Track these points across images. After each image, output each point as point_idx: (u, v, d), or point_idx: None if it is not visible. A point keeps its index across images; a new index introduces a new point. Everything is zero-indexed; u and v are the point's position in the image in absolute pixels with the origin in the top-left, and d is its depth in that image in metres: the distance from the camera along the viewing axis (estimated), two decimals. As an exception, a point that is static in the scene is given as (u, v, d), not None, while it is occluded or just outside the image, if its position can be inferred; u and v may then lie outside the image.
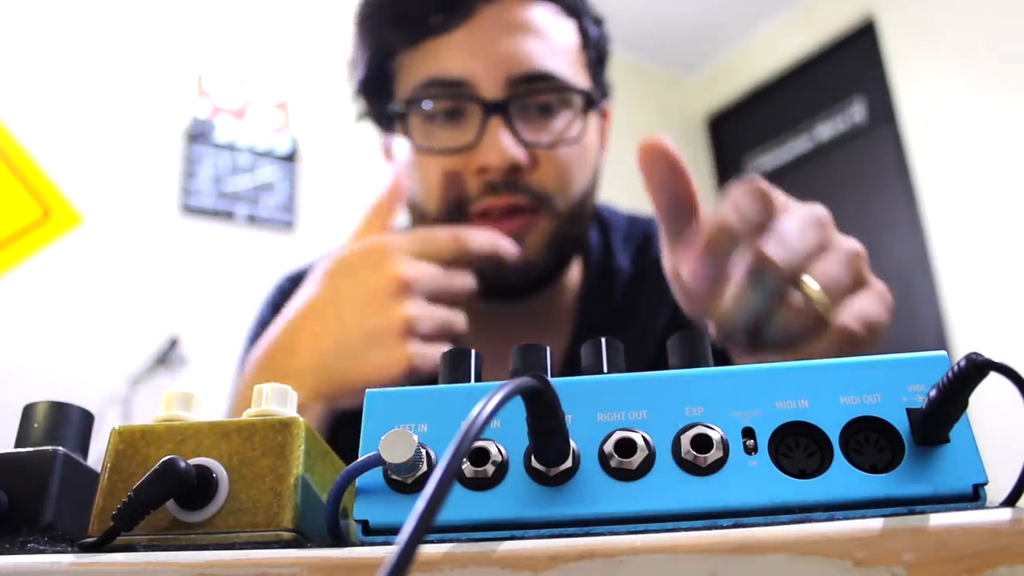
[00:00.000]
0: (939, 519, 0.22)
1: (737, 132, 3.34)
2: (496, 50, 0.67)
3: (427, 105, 0.69)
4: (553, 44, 0.70)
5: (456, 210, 0.68)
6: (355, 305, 0.58)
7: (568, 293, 0.79)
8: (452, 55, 0.68)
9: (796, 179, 2.94)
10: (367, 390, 0.29)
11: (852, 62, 2.93)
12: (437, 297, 0.59)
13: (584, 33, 0.74)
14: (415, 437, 0.25)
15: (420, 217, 0.73)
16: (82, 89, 2.22)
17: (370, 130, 0.80)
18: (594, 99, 0.72)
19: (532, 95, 0.68)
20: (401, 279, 0.57)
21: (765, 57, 3.20)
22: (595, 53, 0.75)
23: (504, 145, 0.66)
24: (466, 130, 0.68)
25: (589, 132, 0.72)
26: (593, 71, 0.75)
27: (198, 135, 2.36)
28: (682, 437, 0.26)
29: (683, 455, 0.26)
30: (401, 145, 0.73)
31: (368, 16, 0.74)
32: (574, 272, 0.80)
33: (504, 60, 0.67)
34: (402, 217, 0.72)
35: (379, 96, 0.74)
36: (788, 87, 3.16)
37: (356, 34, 0.75)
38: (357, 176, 2.39)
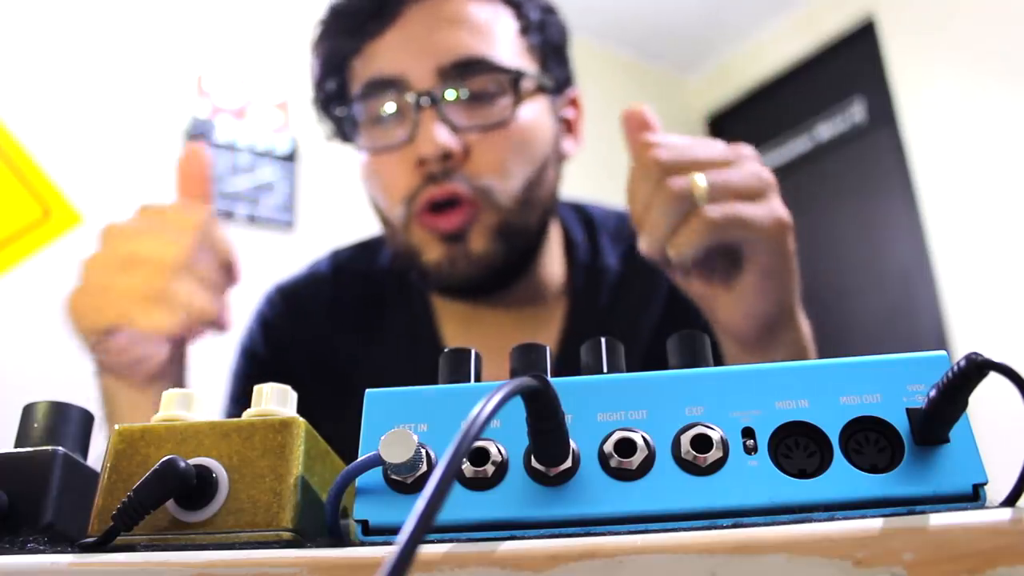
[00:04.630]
0: (939, 519, 0.22)
1: (737, 132, 3.33)
2: (427, 43, 0.69)
3: (368, 111, 0.70)
4: (485, 32, 0.70)
5: (408, 209, 0.69)
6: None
7: (554, 292, 0.79)
8: (385, 54, 0.70)
9: (796, 179, 2.94)
10: (367, 390, 0.29)
11: (852, 62, 2.92)
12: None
13: (524, 19, 0.73)
14: (415, 437, 0.25)
15: (384, 219, 0.74)
16: (82, 89, 2.22)
17: None
18: (527, 79, 0.71)
19: (462, 80, 0.68)
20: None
21: (765, 57, 3.20)
22: (539, 38, 0.74)
23: (435, 134, 0.66)
24: (404, 126, 0.69)
25: (530, 116, 0.71)
26: (540, 57, 0.74)
27: (198, 135, 2.36)
28: (682, 437, 0.26)
29: (683, 455, 0.26)
30: (362, 156, 0.74)
31: (318, 33, 0.76)
32: (559, 271, 0.79)
33: (434, 52, 0.68)
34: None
35: (338, 108, 0.75)
36: (788, 87, 3.15)
37: (311, 54, 0.76)
38: (357, 176, 2.39)
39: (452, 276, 0.70)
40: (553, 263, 0.78)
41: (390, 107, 0.69)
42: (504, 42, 0.71)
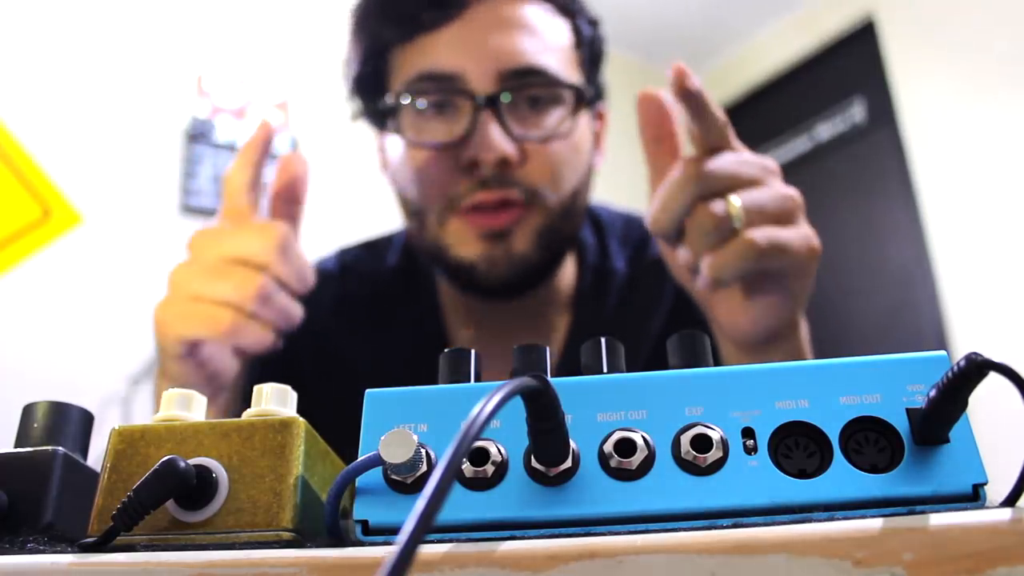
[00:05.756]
0: (939, 519, 0.22)
1: (737, 132, 3.32)
2: (487, 45, 0.68)
3: (420, 102, 0.69)
4: (545, 41, 0.70)
5: (448, 205, 0.69)
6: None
7: (562, 295, 0.79)
8: (444, 50, 0.68)
9: (796, 179, 2.93)
10: (367, 390, 0.29)
11: (852, 62, 2.93)
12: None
13: (577, 32, 0.73)
14: (415, 437, 0.25)
15: (413, 213, 0.73)
16: (82, 89, 2.22)
17: (370, 130, 0.80)
18: (585, 95, 0.71)
19: (523, 89, 0.68)
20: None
21: (765, 57, 3.20)
22: (588, 52, 0.75)
23: (495, 139, 0.65)
24: (456, 124, 0.67)
25: (580, 129, 0.71)
26: (587, 70, 0.74)
27: (198, 135, 2.36)
28: (682, 437, 0.26)
29: (683, 455, 0.26)
30: (394, 143, 0.73)
31: (362, 14, 0.74)
32: (568, 273, 0.79)
33: (495, 55, 0.67)
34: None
35: (373, 93, 0.74)
36: (788, 87, 3.16)
37: (351, 33, 0.76)
38: (357, 176, 2.39)
39: (488, 276, 0.69)
40: (566, 265, 0.79)
41: (442, 102, 0.68)
42: (561, 53, 0.71)
